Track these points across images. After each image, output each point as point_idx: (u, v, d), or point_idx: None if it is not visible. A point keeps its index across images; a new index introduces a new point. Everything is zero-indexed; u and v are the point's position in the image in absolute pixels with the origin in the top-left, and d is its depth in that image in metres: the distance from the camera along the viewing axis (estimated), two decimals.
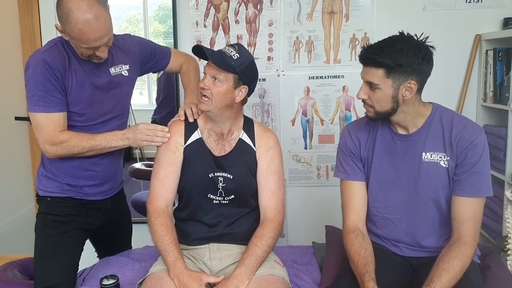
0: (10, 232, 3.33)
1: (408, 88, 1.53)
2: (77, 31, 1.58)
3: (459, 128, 1.58)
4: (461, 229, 1.55)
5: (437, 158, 1.60)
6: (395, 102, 1.55)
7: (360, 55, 1.58)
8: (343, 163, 1.76)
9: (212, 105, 1.66)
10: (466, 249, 1.52)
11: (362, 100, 1.62)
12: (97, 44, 1.63)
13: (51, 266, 1.78)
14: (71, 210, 1.86)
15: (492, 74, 2.61)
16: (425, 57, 1.52)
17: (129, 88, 1.92)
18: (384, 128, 1.69)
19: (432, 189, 1.62)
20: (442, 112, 1.63)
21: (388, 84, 1.53)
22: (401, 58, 1.49)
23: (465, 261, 1.51)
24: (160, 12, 4.40)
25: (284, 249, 2.10)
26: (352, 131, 1.76)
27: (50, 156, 1.76)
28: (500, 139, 2.52)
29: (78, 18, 1.56)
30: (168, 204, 1.74)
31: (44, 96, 1.67)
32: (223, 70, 1.64)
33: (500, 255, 2.11)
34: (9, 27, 3.00)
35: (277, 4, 2.72)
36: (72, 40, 1.64)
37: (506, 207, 2.09)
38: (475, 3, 2.69)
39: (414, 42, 1.53)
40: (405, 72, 1.51)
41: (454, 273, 1.47)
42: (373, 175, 1.71)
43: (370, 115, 1.62)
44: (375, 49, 1.53)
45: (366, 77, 1.56)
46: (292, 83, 2.79)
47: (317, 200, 2.86)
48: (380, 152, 1.69)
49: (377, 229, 1.76)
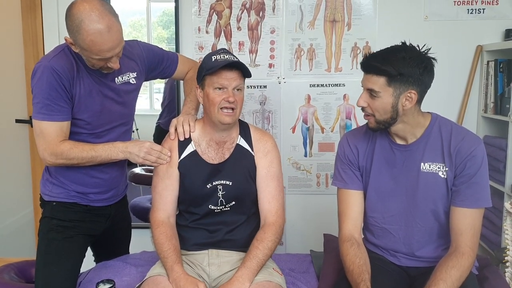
0: (8, 235, 3.32)
1: (408, 98, 1.53)
2: (89, 43, 1.55)
3: (458, 139, 1.57)
4: (460, 239, 1.55)
5: (436, 168, 1.60)
6: (394, 112, 1.55)
7: (362, 62, 1.58)
8: (341, 172, 1.75)
9: (236, 116, 1.69)
10: (464, 260, 1.51)
11: (362, 109, 1.62)
12: (110, 55, 1.60)
13: (55, 271, 1.77)
14: (76, 215, 1.85)
15: (493, 85, 2.61)
16: (427, 68, 1.53)
17: (135, 95, 1.92)
18: (383, 138, 1.69)
19: (431, 199, 1.62)
20: (441, 122, 1.63)
21: (388, 93, 1.53)
22: (403, 68, 1.49)
23: (463, 271, 1.50)
24: (164, 18, 4.42)
25: (282, 257, 2.09)
26: (351, 140, 1.75)
27: (48, 165, 1.75)
28: (500, 150, 2.51)
29: (90, 29, 1.53)
30: (169, 215, 1.76)
31: (48, 104, 1.65)
32: (243, 78, 1.66)
33: (499, 266, 2.10)
34: (12, 30, 3.01)
35: (279, 11, 2.73)
36: (84, 52, 1.61)
37: (505, 218, 2.08)
38: (477, 14, 2.70)
39: (416, 52, 1.54)
40: (406, 82, 1.51)
41: (451, 283, 1.47)
42: (371, 185, 1.70)
43: (371, 126, 1.62)
44: (378, 57, 1.54)
45: (367, 84, 1.56)
46: (293, 90, 2.79)
47: (316, 208, 2.85)
48: (378, 162, 1.69)
49: (375, 239, 1.75)
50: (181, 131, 1.77)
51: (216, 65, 1.62)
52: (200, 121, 1.81)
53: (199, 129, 1.79)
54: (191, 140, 1.77)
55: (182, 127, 1.77)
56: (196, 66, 2.03)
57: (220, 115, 1.66)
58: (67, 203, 1.84)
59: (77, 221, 1.85)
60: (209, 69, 1.64)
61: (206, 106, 1.69)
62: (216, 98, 1.64)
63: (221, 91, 1.65)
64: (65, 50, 1.71)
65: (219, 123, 1.68)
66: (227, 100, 1.64)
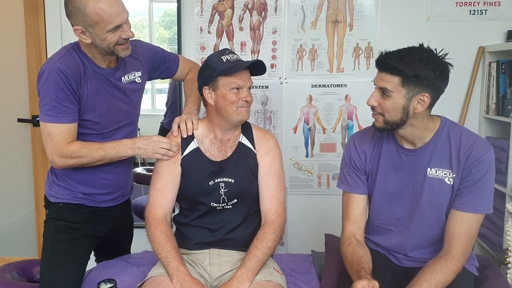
0: (10, 234, 3.33)
1: (421, 101, 1.50)
2: (99, 11, 1.57)
3: (468, 145, 1.55)
4: (452, 243, 1.54)
5: (442, 174, 1.58)
6: (405, 114, 1.52)
7: (377, 60, 1.54)
8: (346, 175, 1.75)
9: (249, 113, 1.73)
10: (452, 265, 1.50)
11: (371, 108, 1.59)
12: (120, 19, 1.62)
13: (61, 272, 1.76)
14: (83, 217, 1.85)
15: (495, 86, 2.61)
16: (443, 72, 1.50)
17: (141, 95, 1.92)
18: (390, 141, 1.67)
19: (435, 205, 1.61)
20: (450, 127, 1.60)
21: (401, 94, 1.49)
22: (420, 69, 1.46)
23: (449, 275, 1.49)
24: (166, 18, 4.42)
25: (283, 257, 2.09)
26: (358, 143, 1.74)
27: (58, 167, 1.74)
28: (502, 152, 2.51)
29: None
30: (167, 213, 1.75)
31: (55, 106, 1.64)
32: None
33: (500, 268, 2.10)
34: (15, 30, 3.01)
35: (282, 12, 2.73)
36: (96, 28, 1.61)
37: (507, 219, 2.08)
38: (479, 15, 2.70)
39: (434, 56, 1.51)
40: (420, 85, 1.48)
41: (435, 285, 1.46)
42: (377, 188, 1.70)
43: (378, 125, 1.58)
44: (394, 55, 1.50)
45: (380, 82, 1.53)
46: (295, 91, 2.79)
47: (317, 208, 2.85)
48: (385, 165, 1.67)
49: (378, 238, 1.76)
50: (184, 129, 1.77)
51: (232, 65, 1.65)
52: (203, 120, 1.82)
53: (202, 127, 1.79)
54: (193, 137, 1.77)
55: (185, 124, 1.78)
56: (196, 67, 2.04)
57: (238, 113, 1.69)
58: (74, 204, 1.84)
59: (83, 223, 1.85)
60: (224, 70, 1.66)
61: (222, 106, 1.69)
62: (234, 98, 1.67)
63: (238, 91, 1.68)
64: (70, 51, 1.71)
65: (237, 120, 1.71)
66: (245, 100, 1.68)
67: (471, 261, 1.70)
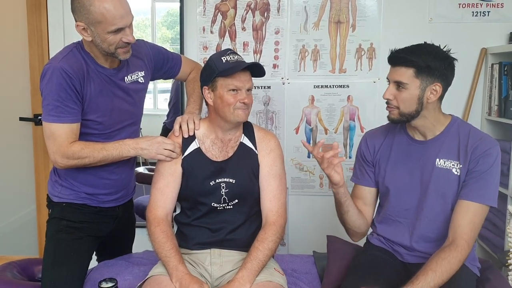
0: (11, 233, 3.33)
1: (433, 91, 1.60)
2: (103, 10, 1.57)
3: (476, 139, 1.63)
4: (457, 232, 1.56)
5: (450, 165, 1.64)
6: (419, 104, 1.61)
7: (390, 56, 1.64)
8: (357, 169, 1.87)
9: (249, 112, 1.73)
10: (457, 253, 1.52)
11: (386, 102, 1.66)
12: (124, 22, 1.62)
13: (64, 272, 1.76)
14: (86, 217, 1.85)
15: (497, 88, 2.61)
16: (450, 64, 1.62)
17: (144, 95, 1.92)
18: (401, 134, 1.76)
19: (441, 194, 1.65)
20: (460, 124, 1.69)
21: (416, 85, 1.59)
22: (431, 60, 1.57)
23: (454, 263, 1.51)
24: (168, 18, 4.43)
25: (284, 258, 2.09)
26: (369, 138, 1.84)
27: (60, 167, 1.74)
28: (504, 153, 2.49)
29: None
30: (168, 213, 1.75)
31: (58, 106, 1.64)
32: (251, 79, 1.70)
33: (502, 270, 2.10)
34: (17, 29, 3.02)
35: (284, 12, 2.73)
36: (98, 28, 1.61)
37: (509, 221, 2.08)
38: (481, 16, 2.70)
39: (441, 49, 1.63)
40: (432, 75, 1.58)
41: (440, 273, 1.48)
42: (387, 179, 1.76)
43: (393, 116, 1.66)
44: (406, 50, 1.61)
45: (394, 76, 1.62)
46: (297, 91, 2.79)
47: (319, 209, 2.85)
48: (395, 157, 1.74)
49: (386, 232, 1.79)
50: (186, 129, 1.77)
51: (230, 67, 1.64)
52: (205, 120, 1.81)
53: (204, 127, 1.79)
54: (195, 137, 1.77)
55: (186, 124, 1.77)
56: (198, 68, 2.04)
57: (236, 114, 1.68)
58: (77, 204, 1.84)
59: (86, 222, 1.85)
60: (223, 71, 1.65)
61: (219, 107, 1.69)
62: (231, 100, 1.66)
63: (235, 93, 1.67)
64: (73, 51, 1.71)
65: (235, 121, 1.71)
66: (242, 102, 1.67)
67: (474, 261, 1.71)
